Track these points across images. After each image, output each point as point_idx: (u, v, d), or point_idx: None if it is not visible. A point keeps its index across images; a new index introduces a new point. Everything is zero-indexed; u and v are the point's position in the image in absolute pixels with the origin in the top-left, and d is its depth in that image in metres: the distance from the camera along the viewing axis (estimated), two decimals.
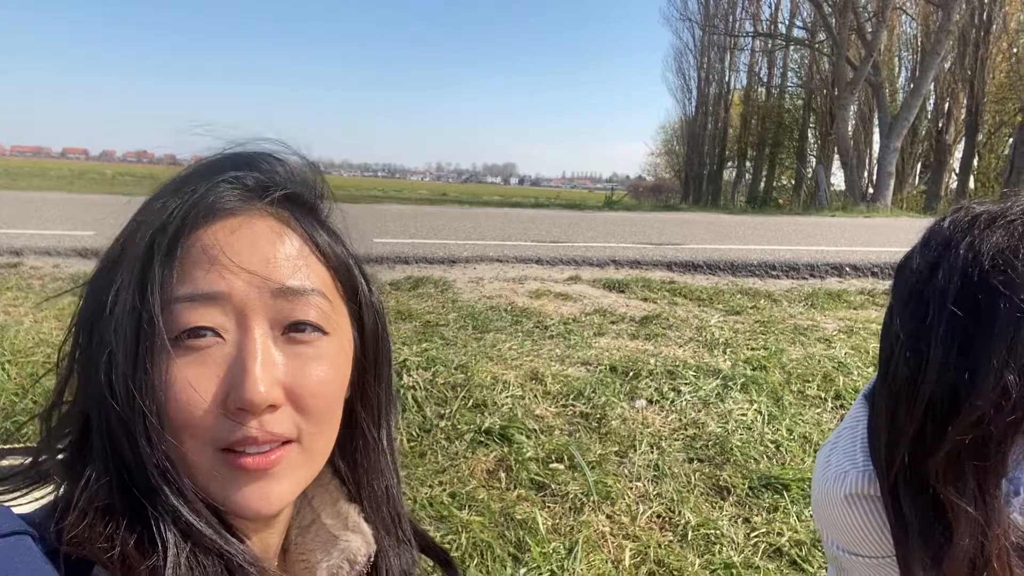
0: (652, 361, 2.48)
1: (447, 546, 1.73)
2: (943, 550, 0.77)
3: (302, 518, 0.73)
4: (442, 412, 2.12)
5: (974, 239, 0.79)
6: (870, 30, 18.65)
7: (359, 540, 0.72)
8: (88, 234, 3.96)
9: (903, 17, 24.82)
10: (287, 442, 0.62)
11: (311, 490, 0.69)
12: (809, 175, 30.22)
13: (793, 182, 33.54)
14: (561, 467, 1.96)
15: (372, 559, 0.72)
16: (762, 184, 35.42)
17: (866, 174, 22.48)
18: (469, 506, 1.81)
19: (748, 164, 36.89)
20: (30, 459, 0.66)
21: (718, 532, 1.82)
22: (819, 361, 2.58)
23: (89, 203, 7.19)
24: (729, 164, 38.56)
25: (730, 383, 2.37)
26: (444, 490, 1.84)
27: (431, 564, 0.84)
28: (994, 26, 22.19)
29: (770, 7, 32.64)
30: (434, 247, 3.64)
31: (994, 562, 0.74)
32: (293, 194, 0.67)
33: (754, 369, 2.48)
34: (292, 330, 0.63)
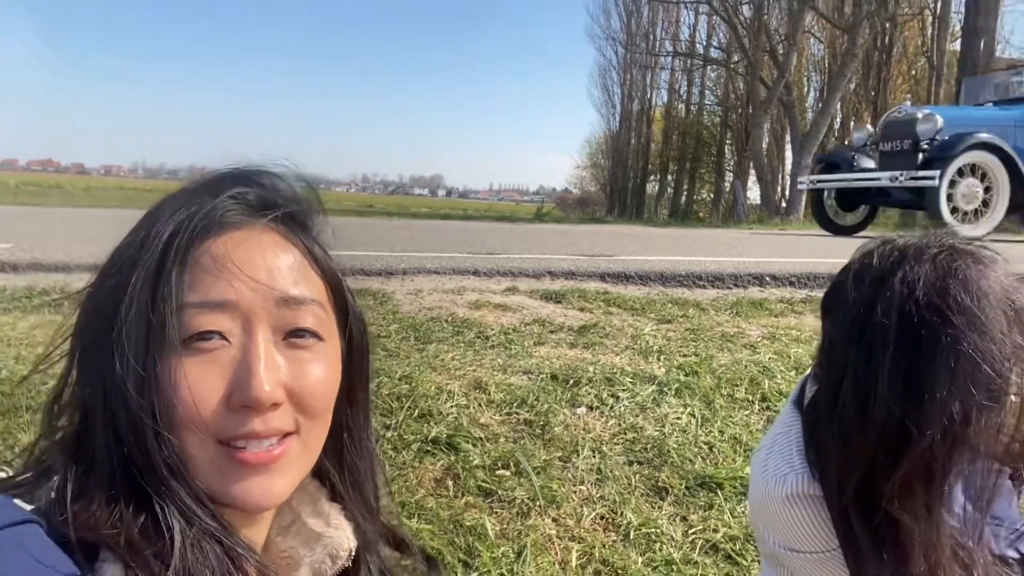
0: (591, 369, 2.55)
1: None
2: (896, 567, 0.83)
3: (282, 519, 0.77)
4: (388, 423, 2.13)
5: (905, 274, 0.86)
6: (782, 52, 19.61)
7: (341, 536, 0.76)
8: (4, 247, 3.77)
9: (811, 40, 26.14)
10: (287, 436, 0.66)
11: (292, 492, 0.73)
12: (727, 189, 31.40)
13: (712, 196, 34.78)
14: (507, 473, 2.01)
15: (354, 554, 0.76)
16: (683, 197, 36.56)
17: (780, 188, 23.52)
18: (418, 515, 1.84)
19: (670, 178, 38.01)
20: (30, 452, 0.68)
21: (658, 531, 1.90)
22: (746, 366, 2.72)
23: None
24: (652, 178, 39.61)
25: (665, 388, 2.47)
26: (393, 500, 1.86)
27: (409, 561, 0.87)
28: (895, 49, 23.65)
29: (689, 28, 33.88)
30: (370, 259, 3.64)
31: (940, 572, 0.81)
32: (294, 210, 0.72)
33: (687, 375, 2.59)
34: (292, 336, 0.68)
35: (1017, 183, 8.56)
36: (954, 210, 8.54)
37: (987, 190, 8.69)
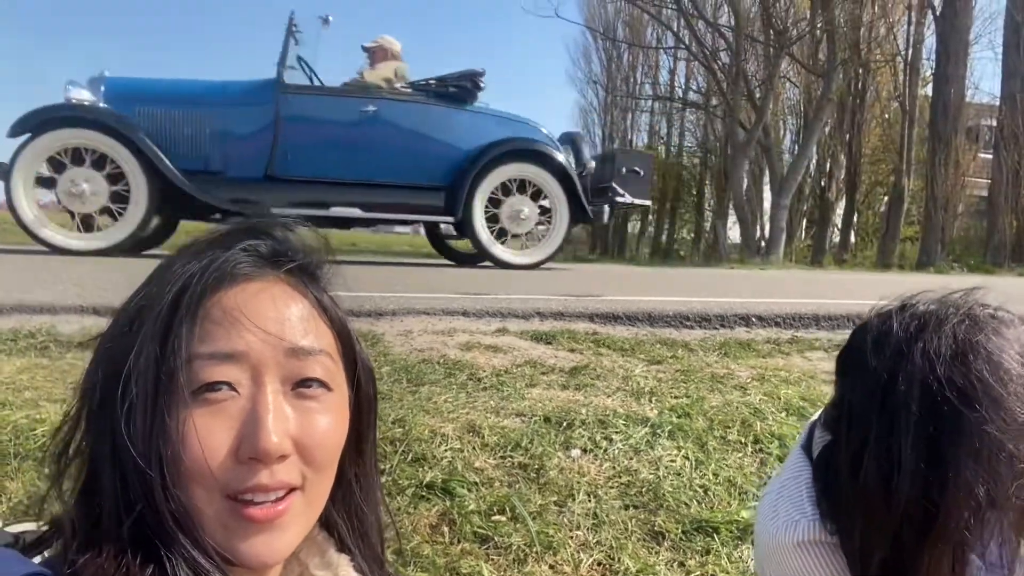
0: (583, 411, 2.55)
1: None
2: None
3: (289, 571, 0.76)
4: (382, 467, 2.11)
5: (926, 346, 0.85)
6: (759, 96, 20.10)
7: None
8: None
9: (787, 84, 26.82)
10: (291, 491, 0.66)
11: (300, 544, 0.73)
12: (707, 228, 31.80)
13: (693, 235, 35.19)
14: (503, 519, 1.99)
15: None
16: (664, 236, 36.94)
17: (759, 228, 23.87)
18: (414, 562, 1.81)
19: (651, 218, 38.41)
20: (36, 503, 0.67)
21: None
22: (737, 407, 2.73)
23: None
24: (633, 217, 40.00)
25: (658, 431, 2.48)
26: (388, 547, 1.83)
27: None
28: (868, 94, 24.31)
29: (668, 72, 34.64)
30: (360, 299, 3.63)
31: None
32: (304, 262, 0.73)
33: (679, 416, 2.60)
34: (301, 386, 0.69)
35: None
36: None
37: None
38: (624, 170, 8.90)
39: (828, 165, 25.92)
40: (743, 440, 2.52)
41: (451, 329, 3.40)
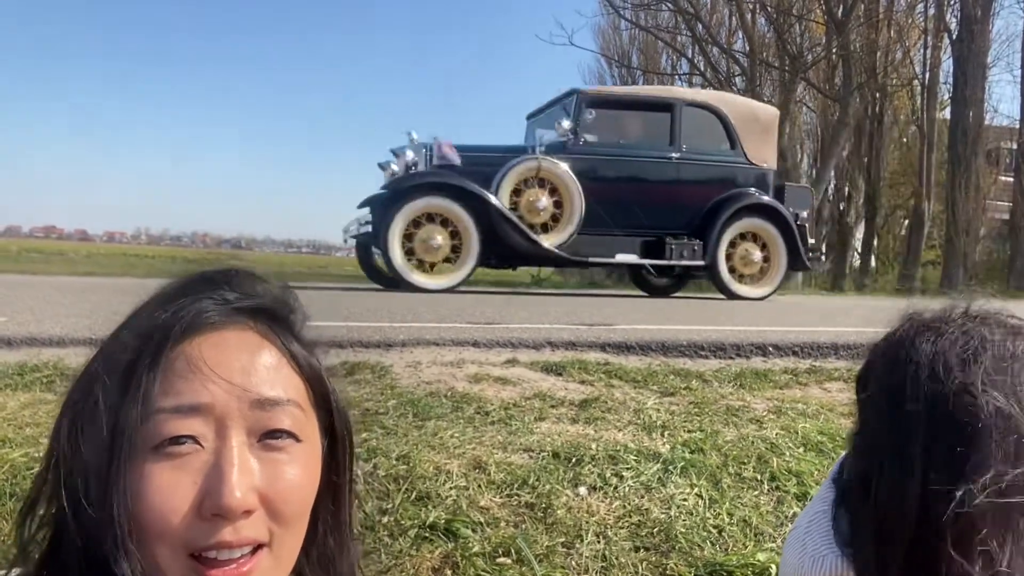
0: (593, 446, 2.49)
1: None
2: None
3: None
4: (384, 507, 2.06)
5: (935, 352, 0.84)
6: None
7: None
8: None
9: (803, 109, 26.79)
10: (258, 549, 0.63)
11: None
12: None
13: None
14: (509, 561, 1.92)
15: None
16: None
17: None
18: None
19: None
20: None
21: None
22: (752, 442, 2.65)
23: None
24: None
25: (670, 467, 2.40)
26: None
27: None
28: (885, 118, 24.21)
29: None
30: (369, 331, 3.60)
31: None
32: (272, 310, 0.70)
33: (692, 452, 2.53)
34: (268, 437, 0.65)
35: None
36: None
37: None
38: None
39: (847, 189, 25.76)
40: (759, 477, 2.43)
41: (460, 360, 3.35)
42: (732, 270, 8.88)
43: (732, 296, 8.83)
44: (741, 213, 8.77)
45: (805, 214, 9.47)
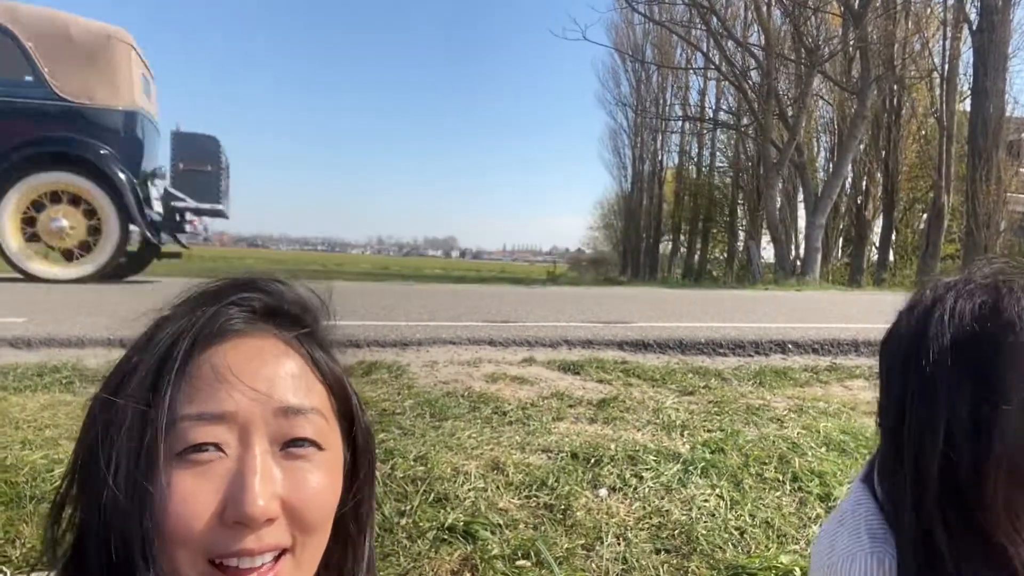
0: (612, 446, 2.46)
1: None
2: None
3: None
4: (402, 508, 2.04)
5: (958, 294, 0.86)
6: (791, 115, 19.87)
7: None
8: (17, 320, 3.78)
9: (820, 102, 26.51)
10: (280, 555, 0.62)
11: None
12: (740, 249, 31.42)
13: (725, 255, 34.78)
14: (528, 564, 1.90)
15: None
16: (696, 257, 36.59)
17: (794, 248, 23.49)
18: None
19: (683, 238, 38.15)
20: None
21: None
22: (773, 442, 2.61)
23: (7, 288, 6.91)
24: (665, 238, 39.80)
25: (690, 467, 2.37)
26: None
27: None
28: (904, 110, 23.89)
29: (698, 93, 34.55)
30: (385, 329, 3.60)
31: None
32: (297, 317, 0.69)
33: (712, 452, 2.49)
34: (290, 446, 0.65)
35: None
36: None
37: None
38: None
39: (864, 183, 25.48)
40: (780, 478, 2.40)
41: (477, 359, 3.34)
42: (35, 239, 7.05)
43: (28, 276, 7.03)
44: (34, 165, 6.85)
45: (211, 169, 7.91)
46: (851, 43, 18.91)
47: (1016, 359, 0.79)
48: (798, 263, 18.94)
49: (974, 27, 18.53)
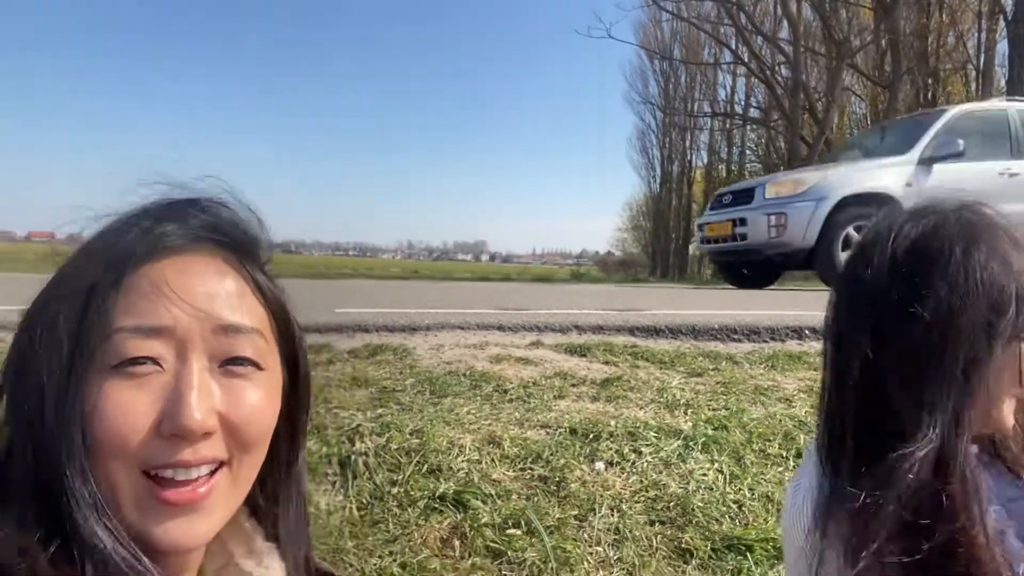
0: (613, 423, 2.44)
1: None
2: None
3: (216, 560, 0.72)
4: (394, 479, 2.04)
5: (910, 218, 0.92)
6: (821, 109, 19.55)
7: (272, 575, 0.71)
8: None
9: (853, 98, 26.04)
10: (216, 470, 0.62)
11: (225, 531, 0.69)
12: None
13: None
14: (518, 533, 1.89)
15: None
16: None
17: None
18: None
19: None
20: None
21: None
22: (780, 420, 2.56)
23: None
24: (693, 238, 39.30)
25: (691, 443, 2.34)
26: (394, 560, 1.76)
27: None
28: (939, 104, 23.37)
29: (726, 90, 34.19)
30: (395, 315, 3.61)
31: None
32: (236, 237, 0.69)
33: (715, 429, 2.45)
34: (229, 364, 0.64)
35: None
36: None
37: None
38: None
39: None
40: (784, 454, 2.35)
41: (484, 343, 3.33)
42: None
43: None
44: None
45: None
46: (882, 35, 18.57)
47: (938, 274, 0.85)
48: None
49: (1009, 17, 18.05)
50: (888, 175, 7.49)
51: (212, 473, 0.62)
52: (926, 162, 7.56)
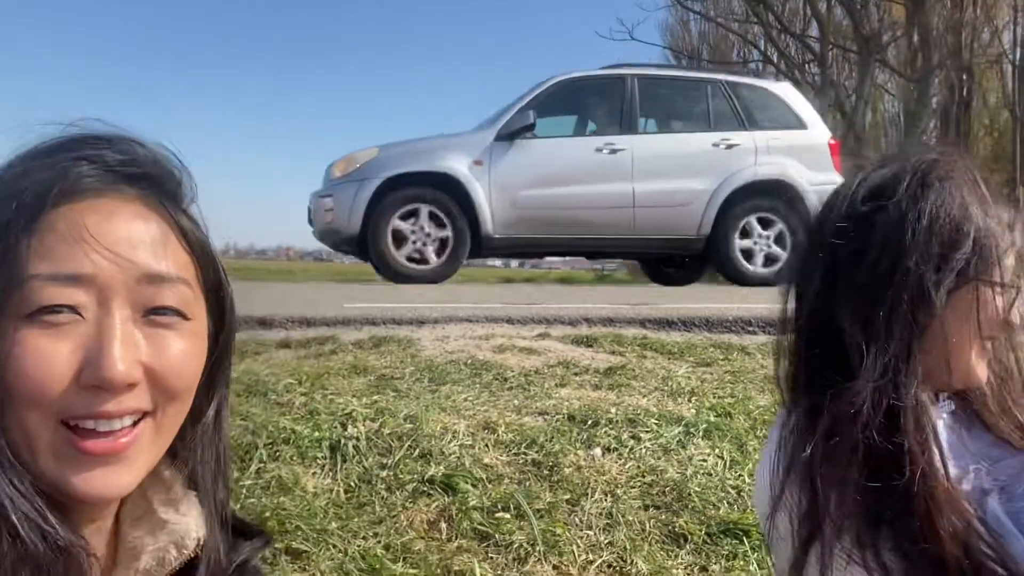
0: (613, 410, 2.39)
1: None
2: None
3: (135, 508, 0.70)
4: (384, 462, 2.02)
5: (874, 168, 0.93)
6: (850, 108, 19.22)
7: (188, 523, 0.69)
8: None
9: (887, 97, 25.56)
10: (139, 421, 0.60)
11: (145, 479, 0.67)
12: None
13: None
14: (507, 516, 1.86)
15: (202, 543, 0.68)
16: None
17: None
18: (404, 558, 1.70)
19: None
20: None
21: None
22: None
23: None
24: None
25: (692, 430, 2.28)
26: (379, 542, 1.74)
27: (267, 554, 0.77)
28: (974, 102, 22.86)
29: None
30: (403, 310, 3.60)
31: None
32: (157, 178, 0.66)
33: (718, 416, 2.40)
34: (153, 313, 0.61)
35: None
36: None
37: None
38: None
39: None
40: None
41: (490, 334, 3.30)
42: None
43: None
44: None
45: None
46: (914, 31, 18.20)
47: (889, 209, 0.86)
48: None
49: None
50: (454, 153, 6.51)
51: (135, 424, 0.60)
52: (504, 138, 6.59)
